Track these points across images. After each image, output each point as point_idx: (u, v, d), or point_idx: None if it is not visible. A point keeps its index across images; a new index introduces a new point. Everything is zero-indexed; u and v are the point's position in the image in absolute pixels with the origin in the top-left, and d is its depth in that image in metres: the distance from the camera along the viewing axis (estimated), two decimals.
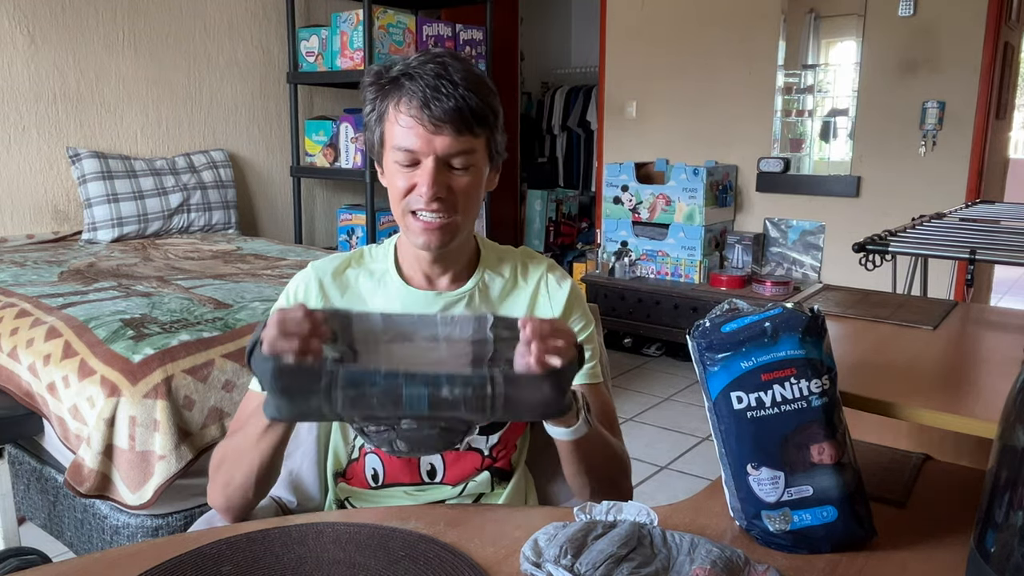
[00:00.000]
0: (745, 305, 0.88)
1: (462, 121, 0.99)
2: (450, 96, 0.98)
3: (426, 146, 1.00)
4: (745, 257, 4.19)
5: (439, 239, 1.03)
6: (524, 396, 0.81)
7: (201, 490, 1.71)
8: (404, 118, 1.00)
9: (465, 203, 1.04)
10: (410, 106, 0.99)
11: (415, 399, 0.78)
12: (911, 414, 1.01)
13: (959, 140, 3.66)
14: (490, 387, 0.79)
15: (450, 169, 1.02)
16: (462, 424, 0.84)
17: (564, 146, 6.17)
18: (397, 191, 1.03)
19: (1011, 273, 6.51)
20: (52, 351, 1.81)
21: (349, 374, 0.78)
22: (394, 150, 1.02)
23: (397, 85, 1.01)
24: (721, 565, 0.74)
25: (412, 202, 1.02)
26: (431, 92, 0.98)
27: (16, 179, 3.13)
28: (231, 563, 0.80)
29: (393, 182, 1.04)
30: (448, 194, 1.02)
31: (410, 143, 1.00)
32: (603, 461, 1.03)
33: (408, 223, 1.04)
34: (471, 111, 0.99)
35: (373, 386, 0.78)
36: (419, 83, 0.98)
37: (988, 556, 0.67)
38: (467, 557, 0.81)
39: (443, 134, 0.99)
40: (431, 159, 1.00)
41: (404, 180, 1.02)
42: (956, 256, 2.10)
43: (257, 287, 2.29)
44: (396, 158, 1.02)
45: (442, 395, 0.78)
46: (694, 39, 4.33)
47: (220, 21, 3.76)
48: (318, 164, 3.98)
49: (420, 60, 1.01)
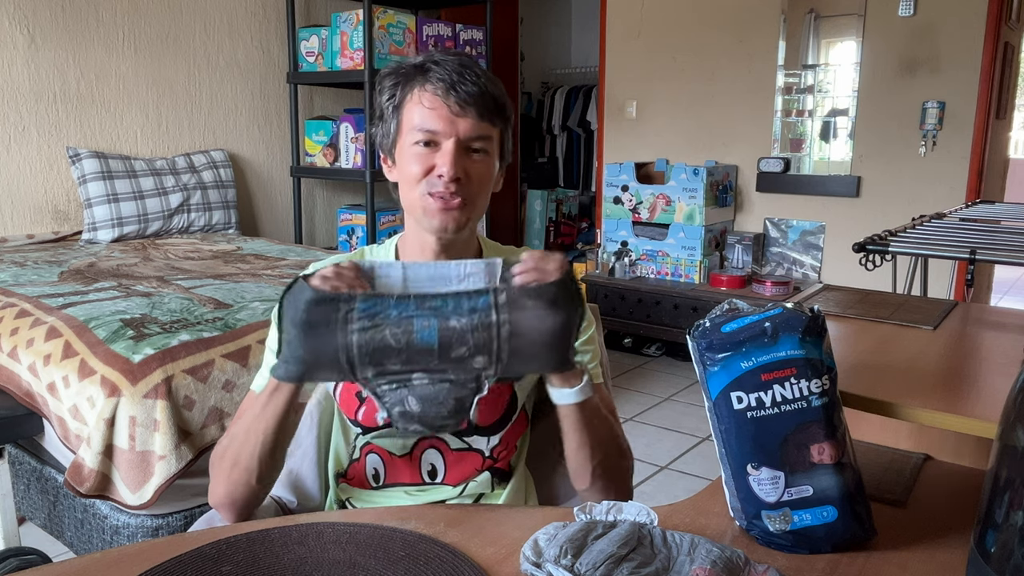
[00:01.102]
0: (745, 305, 0.88)
1: (485, 106, 1.02)
2: (474, 83, 1.02)
3: (449, 127, 1.02)
4: (745, 257, 4.19)
5: (456, 220, 1.04)
6: (528, 324, 0.83)
7: (201, 490, 1.71)
8: (429, 98, 1.02)
9: (479, 191, 1.06)
10: (436, 87, 1.02)
11: (425, 331, 0.81)
12: (911, 414, 1.01)
13: (959, 140, 3.66)
14: (495, 313, 0.83)
15: (468, 153, 1.04)
16: (471, 379, 0.85)
17: (564, 146, 6.17)
18: (412, 176, 1.04)
19: (1011, 273, 6.51)
20: (52, 351, 1.81)
21: (365, 299, 0.83)
22: (414, 131, 1.03)
23: (422, 70, 1.03)
24: (721, 565, 0.74)
25: (430, 184, 1.03)
26: (457, 76, 1.01)
27: (16, 179, 3.13)
28: (231, 563, 0.80)
29: (407, 168, 1.04)
30: (465, 179, 1.03)
31: (433, 124, 1.02)
32: (605, 437, 1.02)
33: (426, 204, 1.04)
34: (494, 99, 1.04)
35: (386, 317, 0.81)
36: (445, 68, 1.02)
37: (988, 556, 0.67)
38: (467, 557, 0.81)
39: (467, 117, 1.02)
40: (452, 141, 1.02)
41: (420, 164, 1.03)
42: (956, 256, 2.10)
43: (257, 287, 2.29)
44: (416, 139, 1.03)
45: (450, 324, 0.82)
46: (694, 39, 4.33)
47: (220, 21, 3.76)
48: (318, 164, 3.98)
49: (441, 54, 1.05)
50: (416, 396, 0.84)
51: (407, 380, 0.84)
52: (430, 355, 0.83)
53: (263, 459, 0.97)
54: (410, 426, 0.86)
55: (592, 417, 0.99)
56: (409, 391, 0.84)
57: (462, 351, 0.83)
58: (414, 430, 0.87)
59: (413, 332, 0.82)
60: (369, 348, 0.82)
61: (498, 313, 0.83)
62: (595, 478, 1.03)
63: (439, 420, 0.85)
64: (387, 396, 0.85)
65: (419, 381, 0.84)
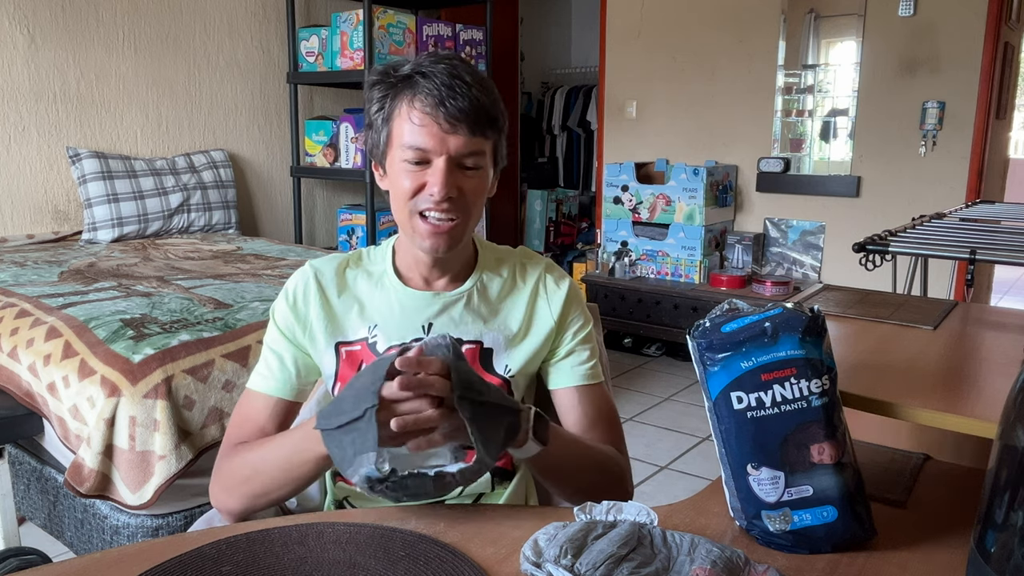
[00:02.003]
0: (745, 305, 0.88)
1: (476, 121, 0.98)
2: (464, 96, 0.97)
3: (439, 145, 0.98)
4: (745, 257, 4.18)
5: (446, 243, 1.03)
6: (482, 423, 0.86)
7: (201, 490, 1.71)
8: (418, 115, 0.98)
9: (472, 206, 1.03)
10: (424, 103, 0.97)
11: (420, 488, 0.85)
12: (911, 414, 1.01)
13: (959, 140, 3.66)
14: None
15: (460, 170, 1.01)
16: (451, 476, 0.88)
17: (564, 146, 6.17)
18: (403, 192, 1.01)
19: (1011, 273, 6.51)
20: (52, 351, 1.81)
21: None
22: (403, 148, 0.99)
23: (410, 83, 0.99)
24: (721, 565, 0.74)
25: (420, 203, 1.00)
26: (446, 90, 0.97)
27: (16, 179, 3.13)
28: (231, 563, 0.80)
29: (398, 183, 1.02)
30: (458, 195, 1.00)
31: (422, 142, 0.98)
32: (576, 472, 1.03)
33: (415, 225, 1.02)
34: (485, 112, 0.99)
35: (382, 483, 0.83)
36: (434, 81, 0.97)
37: (988, 556, 0.67)
38: (467, 557, 0.81)
39: (457, 134, 0.98)
40: (443, 159, 0.99)
41: (411, 180, 1.00)
42: (956, 256, 2.10)
43: (257, 287, 2.29)
44: (405, 156, 1.00)
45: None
46: (694, 39, 4.33)
47: (220, 21, 3.76)
48: (318, 164, 3.98)
49: (430, 60, 1.00)
50: (407, 496, 0.86)
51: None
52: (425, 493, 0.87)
53: (297, 491, 1.00)
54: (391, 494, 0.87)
55: (555, 461, 0.99)
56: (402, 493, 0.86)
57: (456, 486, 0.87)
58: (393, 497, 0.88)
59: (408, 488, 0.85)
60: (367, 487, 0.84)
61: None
62: (574, 501, 1.04)
63: (424, 500, 0.89)
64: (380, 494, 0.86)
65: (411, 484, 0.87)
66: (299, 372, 1.09)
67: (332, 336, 1.08)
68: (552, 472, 1.01)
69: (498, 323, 1.10)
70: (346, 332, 1.08)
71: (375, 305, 1.09)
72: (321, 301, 1.09)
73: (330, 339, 1.08)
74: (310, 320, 1.08)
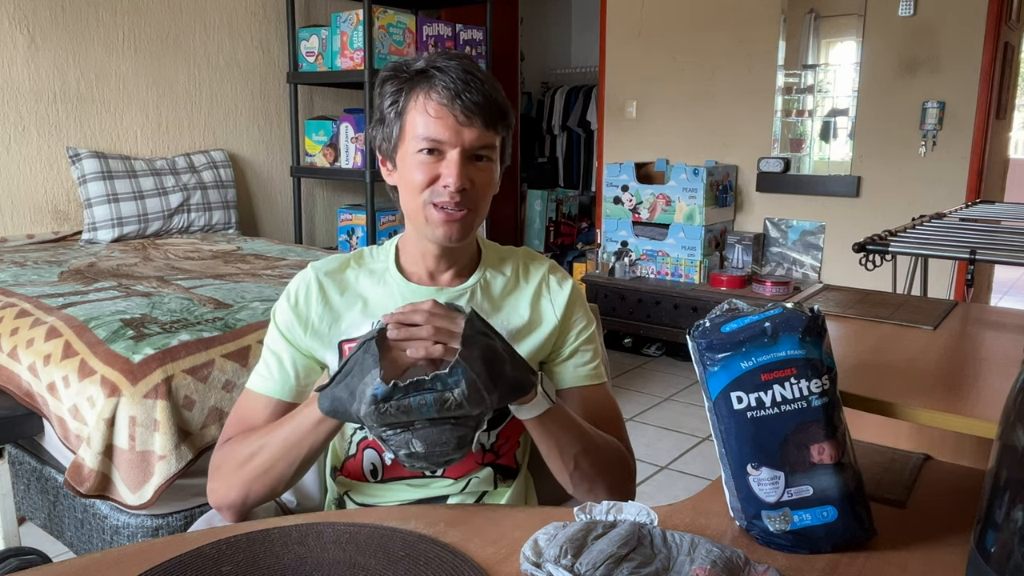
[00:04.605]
0: (745, 305, 0.88)
1: (490, 115, 1.01)
2: (479, 90, 1.00)
3: (454, 137, 1.00)
4: (745, 257, 4.19)
5: (459, 231, 1.04)
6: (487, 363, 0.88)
7: (201, 490, 1.71)
8: (434, 107, 1.00)
9: (482, 199, 1.05)
10: (442, 96, 1.00)
11: (424, 407, 0.84)
12: (911, 414, 1.01)
13: (959, 140, 3.67)
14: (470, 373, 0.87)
15: (472, 162, 1.03)
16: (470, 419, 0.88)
17: (564, 146, 6.17)
18: (415, 184, 1.03)
19: (1011, 273, 6.51)
20: (52, 351, 1.81)
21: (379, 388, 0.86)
22: (418, 139, 1.01)
23: (426, 76, 1.02)
24: (721, 565, 0.74)
25: (434, 194, 1.02)
26: (462, 84, 0.99)
27: (16, 179, 3.13)
28: (231, 563, 0.80)
29: (410, 175, 1.03)
30: (470, 187, 1.02)
31: (438, 133, 1.00)
32: (580, 443, 1.02)
33: (428, 214, 1.03)
34: (499, 106, 1.02)
35: (387, 402, 0.84)
36: (449, 75, 1.00)
37: (988, 556, 0.67)
38: (467, 557, 0.81)
39: (472, 126, 1.00)
40: (457, 151, 1.01)
41: (424, 172, 1.02)
42: (956, 256, 2.10)
43: (257, 287, 2.29)
44: (419, 147, 1.01)
45: (444, 396, 0.85)
46: (694, 39, 4.33)
47: (220, 21, 3.76)
48: (318, 164, 3.98)
49: (443, 57, 1.03)
50: (420, 438, 0.87)
51: (410, 424, 0.87)
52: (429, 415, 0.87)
53: (300, 470, 1.01)
54: (416, 464, 0.89)
55: (555, 428, 1.00)
56: (412, 434, 0.87)
57: (459, 412, 0.87)
58: (420, 467, 0.90)
59: (412, 409, 0.85)
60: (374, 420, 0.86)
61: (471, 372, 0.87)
62: (575, 483, 1.04)
63: (444, 457, 0.89)
64: (392, 440, 0.88)
65: (421, 425, 0.87)
66: (298, 374, 1.09)
67: (335, 335, 1.08)
68: (556, 439, 1.01)
69: (501, 320, 1.11)
70: (349, 330, 1.09)
71: (378, 301, 1.09)
72: (323, 301, 1.09)
73: (333, 338, 1.08)
74: (312, 320, 1.08)
